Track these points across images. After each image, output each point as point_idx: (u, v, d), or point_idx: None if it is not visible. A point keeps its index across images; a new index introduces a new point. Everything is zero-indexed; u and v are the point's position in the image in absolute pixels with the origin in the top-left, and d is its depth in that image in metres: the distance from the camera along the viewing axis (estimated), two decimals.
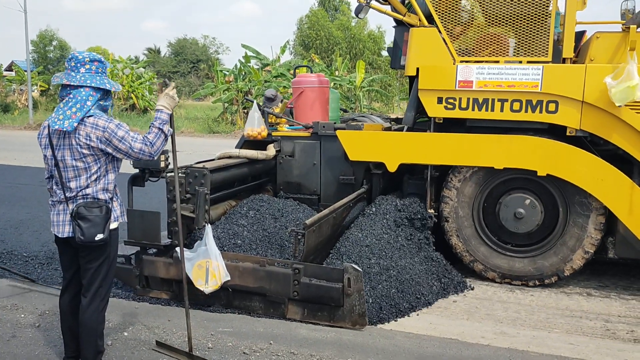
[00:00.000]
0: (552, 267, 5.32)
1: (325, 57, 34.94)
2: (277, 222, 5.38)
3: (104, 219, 3.24)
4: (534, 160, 5.16)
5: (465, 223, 5.53)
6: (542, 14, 5.21)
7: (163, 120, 3.35)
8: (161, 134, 3.32)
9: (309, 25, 37.61)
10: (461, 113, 5.38)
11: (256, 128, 5.91)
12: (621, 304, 5.09)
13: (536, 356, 3.97)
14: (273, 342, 4.04)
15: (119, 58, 29.94)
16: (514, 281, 5.45)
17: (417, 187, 5.85)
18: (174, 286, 4.83)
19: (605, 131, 5.01)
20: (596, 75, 4.93)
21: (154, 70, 39.17)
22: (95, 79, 3.24)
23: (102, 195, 3.29)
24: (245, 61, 24.79)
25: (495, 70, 5.22)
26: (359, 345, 4.04)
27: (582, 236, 5.21)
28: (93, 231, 3.18)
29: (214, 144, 19.33)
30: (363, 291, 4.29)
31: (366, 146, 5.68)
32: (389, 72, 33.89)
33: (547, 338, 4.33)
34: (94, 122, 3.19)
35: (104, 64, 3.34)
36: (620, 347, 4.18)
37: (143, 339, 4.06)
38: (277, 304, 4.53)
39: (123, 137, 3.21)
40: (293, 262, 4.45)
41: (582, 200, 5.18)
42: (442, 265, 5.40)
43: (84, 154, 3.19)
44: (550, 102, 5.12)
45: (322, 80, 6.36)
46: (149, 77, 30.36)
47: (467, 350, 4.04)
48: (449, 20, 5.45)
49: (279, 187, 6.19)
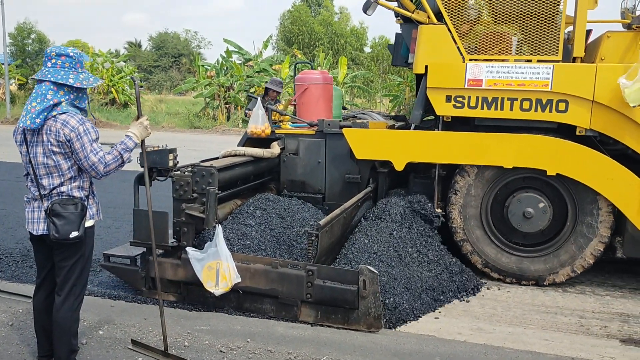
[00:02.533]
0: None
1: (307, 52, 34.81)
2: (284, 221, 5.28)
3: (79, 216, 3.21)
4: (544, 160, 5.13)
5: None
6: (552, 12, 5.17)
7: (127, 148, 3.32)
8: (119, 159, 3.28)
9: (292, 21, 37.46)
10: (470, 112, 5.32)
11: (260, 125, 5.80)
12: (595, 299, 5.13)
13: (511, 352, 4.01)
14: (250, 340, 4.04)
15: (99, 52, 29.33)
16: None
17: (423, 186, 5.80)
18: (182, 288, 4.71)
19: (616, 131, 5.00)
20: (607, 75, 4.91)
21: (134, 64, 38.61)
22: (58, 73, 3.17)
23: (77, 192, 3.26)
24: (227, 56, 24.60)
25: (505, 68, 5.18)
26: (337, 342, 4.06)
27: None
28: (68, 228, 3.15)
29: (195, 140, 19.13)
30: (379, 293, 4.22)
31: (373, 144, 5.60)
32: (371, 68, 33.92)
33: (522, 334, 4.36)
34: (65, 119, 3.14)
35: (72, 59, 3.22)
36: (594, 342, 4.24)
37: (119, 338, 4.04)
38: (289, 306, 4.43)
39: (84, 144, 3.16)
40: (306, 263, 4.36)
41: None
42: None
43: (54, 151, 3.15)
44: (560, 102, 5.09)
45: (326, 77, 6.27)
46: (130, 72, 29.88)
47: (443, 346, 4.07)
48: (459, 18, 5.39)
49: (283, 186, 6.09)
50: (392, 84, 25.54)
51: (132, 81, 4.22)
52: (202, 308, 4.62)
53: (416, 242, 5.24)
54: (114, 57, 30.92)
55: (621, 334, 4.40)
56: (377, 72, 33.69)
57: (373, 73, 32.51)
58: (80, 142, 3.14)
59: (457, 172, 5.52)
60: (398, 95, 24.30)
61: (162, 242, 4.61)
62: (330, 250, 4.80)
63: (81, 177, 3.27)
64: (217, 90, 23.92)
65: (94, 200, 3.41)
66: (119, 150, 3.28)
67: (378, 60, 34.73)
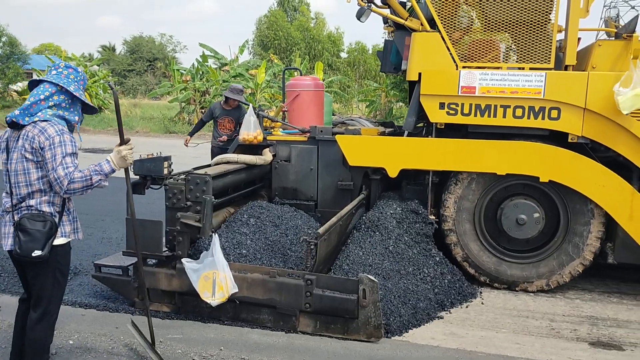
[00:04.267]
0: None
1: (284, 57, 34.77)
2: (278, 229, 5.22)
3: (45, 235, 3.04)
4: (537, 166, 5.17)
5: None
6: (544, 20, 5.22)
7: (101, 171, 3.10)
8: (88, 180, 3.05)
9: (268, 25, 37.34)
10: (463, 119, 5.34)
11: (252, 132, 5.73)
12: (566, 303, 5.21)
13: (483, 356, 4.06)
14: (224, 348, 4.02)
15: (72, 55, 28.90)
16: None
17: (415, 192, 5.79)
18: (176, 298, 4.61)
19: (607, 138, 5.06)
20: (599, 83, 4.97)
21: (108, 68, 38.04)
22: (60, 79, 3.14)
23: (47, 207, 3.11)
24: (203, 60, 24.45)
25: (499, 76, 5.21)
26: (311, 349, 4.06)
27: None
28: (31, 246, 3.01)
29: (170, 145, 18.85)
30: (379, 302, 4.19)
31: (366, 151, 5.57)
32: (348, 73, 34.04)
33: (494, 338, 4.41)
34: (44, 126, 3.05)
35: (78, 73, 3.24)
36: (564, 345, 4.31)
37: (89, 347, 4.00)
38: (287, 316, 4.37)
39: (55, 155, 3.01)
40: (305, 272, 4.30)
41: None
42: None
43: (27, 158, 3.05)
44: (552, 109, 5.14)
45: (317, 84, 6.23)
46: (103, 76, 29.45)
47: (417, 352, 4.10)
48: (452, 26, 5.40)
49: (274, 193, 6.02)
50: (368, 89, 25.67)
51: (110, 89, 3.99)
52: (175, 316, 4.56)
53: (412, 253, 5.20)
54: (87, 61, 30.51)
55: (590, 337, 4.50)
56: (354, 77, 33.80)
57: (349, 78, 32.65)
58: (52, 152, 3.00)
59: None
60: (374, 101, 24.43)
61: (156, 252, 4.51)
62: (327, 259, 4.76)
63: (52, 191, 3.11)
64: (193, 94, 23.74)
65: (69, 218, 3.23)
66: (90, 171, 3.07)
67: (354, 66, 34.88)
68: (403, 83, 21.30)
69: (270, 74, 23.87)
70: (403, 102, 23.63)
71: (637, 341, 4.42)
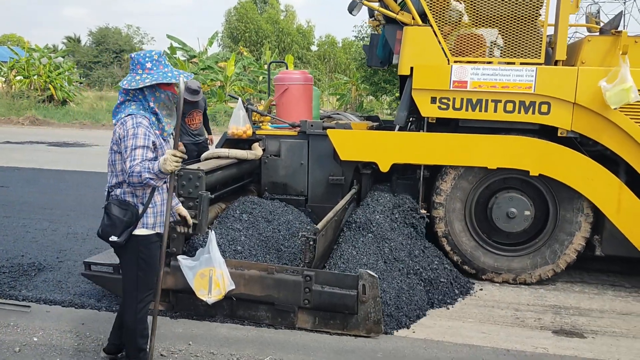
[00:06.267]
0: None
1: (254, 50, 34.52)
2: (270, 225, 5.17)
3: (124, 223, 3.16)
4: (527, 161, 5.23)
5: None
6: (534, 16, 5.26)
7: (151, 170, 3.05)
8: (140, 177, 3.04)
9: (238, 18, 36.99)
10: (455, 113, 5.36)
11: (241, 127, 5.65)
12: (530, 293, 5.32)
13: (450, 345, 4.15)
14: (192, 343, 4.00)
15: (35, 47, 28.05)
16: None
17: (405, 187, 5.80)
18: (171, 296, 4.52)
19: (596, 132, 5.14)
20: (588, 78, 5.04)
21: (73, 59, 37.15)
22: (125, 79, 3.26)
23: (130, 198, 3.22)
24: (171, 52, 24.03)
25: (490, 71, 5.24)
26: (280, 342, 4.08)
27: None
28: (109, 230, 3.16)
29: None
30: (379, 298, 4.18)
31: (358, 146, 5.55)
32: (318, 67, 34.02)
33: (461, 328, 4.49)
34: (125, 119, 3.17)
35: (132, 60, 3.29)
36: (529, 334, 4.42)
37: (54, 344, 3.94)
38: (285, 312, 4.32)
39: (127, 147, 3.11)
40: (304, 269, 4.26)
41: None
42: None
43: (114, 150, 3.22)
44: (542, 104, 5.19)
45: (306, 77, 6.18)
46: (68, 67, 28.73)
47: (385, 342, 4.14)
48: (444, 20, 5.41)
49: (264, 188, 5.96)
50: (338, 83, 25.68)
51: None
52: (169, 314, 4.49)
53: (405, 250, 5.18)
54: (51, 53, 29.65)
55: (554, 325, 4.61)
56: (324, 70, 33.78)
57: (320, 72, 32.61)
58: (125, 144, 3.11)
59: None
60: (345, 94, 24.45)
61: None
62: (323, 255, 4.72)
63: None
64: None
65: (153, 211, 3.28)
66: (144, 168, 3.06)
67: (325, 59, 34.88)
68: (373, 77, 21.41)
69: (240, 67, 23.65)
70: (373, 95, 23.72)
71: (598, 329, 4.56)
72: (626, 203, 5.11)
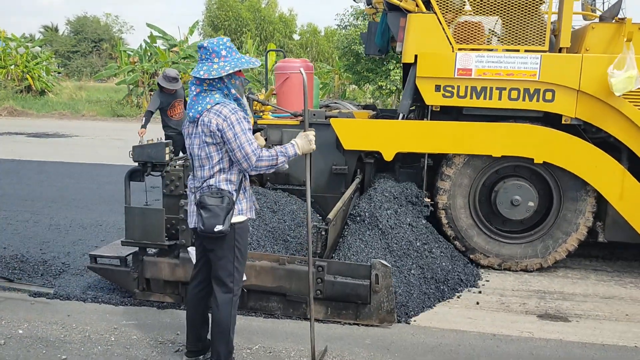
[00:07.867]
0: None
1: (235, 39, 34.10)
2: (276, 215, 5.12)
3: (225, 210, 3.12)
4: (531, 148, 5.24)
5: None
6: (539, 3, 5.26)
7: (285, 153, 3.20)
8: (274, 160, 3.16)
9: (218, 6, 36.51)
10: (459, 101, 5.34)
11: None
12: (515, 278, 5.39)
13: (437, 331, 4.20)
14: (180, 333, 3.95)
15: (11, 36, 27.41)
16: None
17: (409, 175, 5.77)
18: (180, 288, 4.45)
19: (600, 120, 5.16)
20: (592, 65, 5.06)
21: (51, 49, 36.38)
22: (196, 66, 3.16)
23: (225, 185, 3.18)
24: (151, 41, 23.61)
25: (495, 58, 5.22)
26: (269, 330, 4.09)
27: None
28: (212, 222, 3.09)
29: (119, 128, 18.32)
30: (392, 287, 4.16)
31: (361, 135, 5.51)
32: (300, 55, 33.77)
33: (447, 314, 4.53)
34: (218, 109, 3.08)
35: (206, 49, 3.12)
36: (514, 318, 4.49)
37: (40, 336, 3.90)
38: (297, 303, 4.29)
39: (237, 134, 3.05)
40: (315, 259, 4.22)
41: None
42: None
43: (207, 142, 3.11)
44: (547, 91, 5.20)
45: (307, 66, 6.10)
46: (46, 57, 28.15)
47: (373, 330, 4.16)
48: (447, 7, 5.37)
49: (266, 178, 5.88)
50: (321, 72, 25.51)
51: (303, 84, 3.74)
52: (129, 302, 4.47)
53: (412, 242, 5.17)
54: (28, 42, 28.99)
55: (538, 309, 4.67)
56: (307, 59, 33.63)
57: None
58: (233, 132, 3.05)
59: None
60: (327, 83, 24.31)
61: (158, 241, 4.33)
62: (334, 245, 4.69)
63: (230, 170, 3.18)
64: (141, 76, 22.96)
65: (245, 196, 3.29)
66: (277, 151, 3.16)
67: (307, 48, 34.67)
68: (356, 65, 21.32)
69: None
70: (356, 84, 23.62)
71: (582, 312, 4.63)
72: (629, 189, 5.16)
